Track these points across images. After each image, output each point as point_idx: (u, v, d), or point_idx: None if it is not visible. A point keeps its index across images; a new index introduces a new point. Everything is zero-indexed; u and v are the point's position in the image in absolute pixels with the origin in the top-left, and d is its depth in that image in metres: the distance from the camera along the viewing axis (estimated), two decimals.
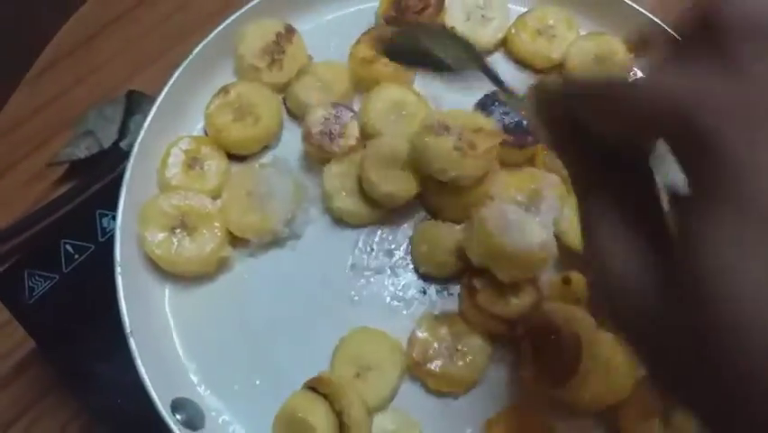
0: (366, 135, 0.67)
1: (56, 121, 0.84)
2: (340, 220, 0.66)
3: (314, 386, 0.56)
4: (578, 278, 0.60)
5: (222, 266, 0.64)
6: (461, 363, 0.58)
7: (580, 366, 0.54)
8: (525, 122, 0.65)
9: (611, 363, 0.56)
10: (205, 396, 0.60)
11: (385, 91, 0.68)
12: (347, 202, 0.64)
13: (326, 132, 0.66)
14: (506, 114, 0.66)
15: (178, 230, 0.62)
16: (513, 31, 0.73)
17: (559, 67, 0.72)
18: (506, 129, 0.65)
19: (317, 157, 0.67)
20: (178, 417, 0.57)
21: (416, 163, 0.62)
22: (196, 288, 0.64)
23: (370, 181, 0.62)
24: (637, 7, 0.72)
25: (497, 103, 0.67)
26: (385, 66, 0.69)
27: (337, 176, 0.65)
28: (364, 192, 0.64)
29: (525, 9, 0.75)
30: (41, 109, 0.85)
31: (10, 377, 0.72)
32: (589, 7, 0.75)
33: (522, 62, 0.73)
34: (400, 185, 0.63)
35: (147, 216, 0.62)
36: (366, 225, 0.66)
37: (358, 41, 0.71)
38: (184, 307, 0.63)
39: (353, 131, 0.66)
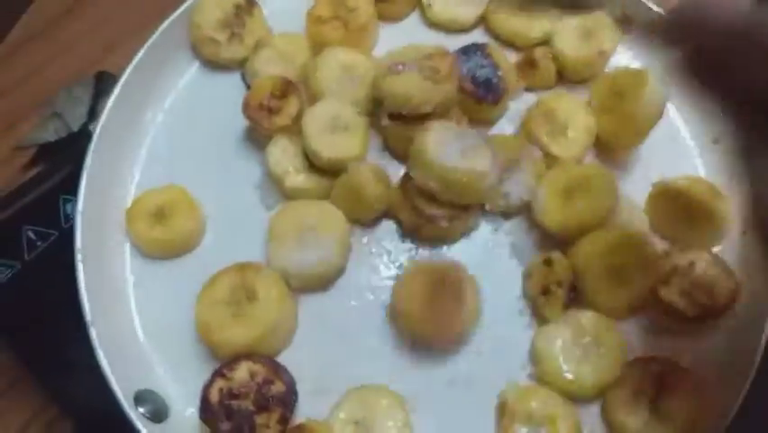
0: (315, 101, 0.64)
1: (24, 103, 0.81)
2: (295, 198, 0.63)
3: None
4: (559, 258, 0.58)
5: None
6: None
7: None
8: (495, 80, 0.64)
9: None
10: (170, 388, 0.58)
11: (332, 54, 0.65)
12: (298, 180, 0.62)
13: (265, 106, 0.63)
14: (482, 67, 0.64)
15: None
16: (491, 8, 0.70)
17: (543, 44, 0.69)
18: (473, 81, 0.63)
19: (260, 132, 0.64)
20: (142, 409, 0.55)
21: (388, 109, 0.61)
22: (161, 278, 0.62)
23: (313, 150, 0.60)
24: None
25: (479, 53, 0.65)
26: (335, 29, 0.67)
27: (282, 154, 0.62)
28: (313, 165, 0.62)
29: None
30: (9, 91, 0.82)
31: None
32: None
33: (502, 40, 0.70)
34: (345, 148, 0.61)
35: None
36: (324, 198, 0.63)
37: (317, 2, 0.69)
38: (148, 296, 0.61)
39: (292, 108, 0.63)
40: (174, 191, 0.63)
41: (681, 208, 0.59)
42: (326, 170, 0.62)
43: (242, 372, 0.55)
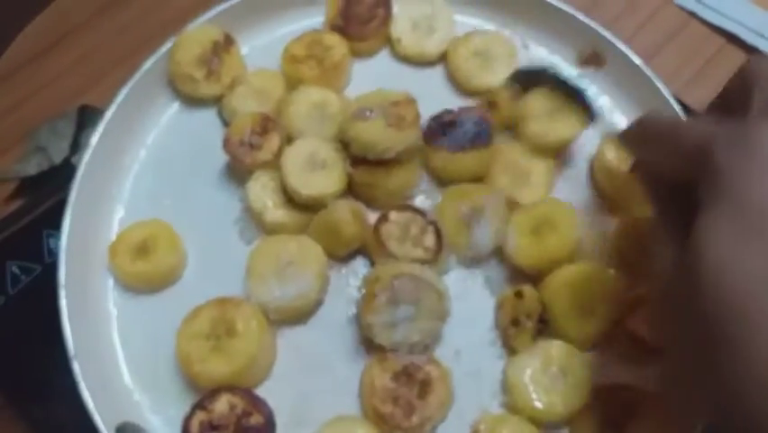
0: (289, 138, 0.67)
1: (7, 136, 0.82)
2: (274, 233, 0.65)
3: None
4: (530, 291, 0.60)
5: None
6: None
7: None
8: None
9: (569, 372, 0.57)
10: (151, 420, 0.59)
11: (305, 93, 0.68)
12: (277, 215, 0.64)
13: (246, 142, 0.66)
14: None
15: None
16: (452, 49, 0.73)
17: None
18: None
19: (240, 168, 0.66)
20: None
21: (354, 153, 0.63)
22: (143, 311, 0.63)
23: (292, 187, 0.62)
24: (590, 23, 0.72)
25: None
26: (310, 69, 0.70)
27: (262, 190, 0.64)
28: (292, 200, 0.64)
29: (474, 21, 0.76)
30: None
31: None
32: (541, 23, 0.74)
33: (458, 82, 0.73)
34: (323, 185, 0.63)
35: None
36: (301, 233, 0.64)
37: (293, 41, 0.71)
38: (131, 330, 0.62)
39: (273, 144, 0.65)
40: (156, 226, 0.64)
41: (645, 240, 0.61)
42: (305, 206, 0.64)
43: (221, 404, 0.56)
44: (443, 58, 0.74)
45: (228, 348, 0.57)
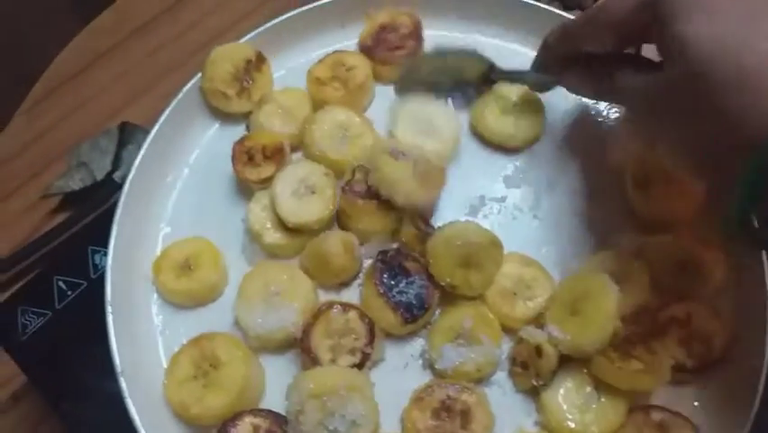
0: (310, 156, 0.68)
1: (50, 152, 0.85)
2: (274, 255, 0.66)
3: None
4: (549, 354, 0.58)
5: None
6: None
7: None
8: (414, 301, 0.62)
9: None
10: None
11: (330, 113, 0.69)
12: (275, 237, 0.65)
13: (250, 156, 0.67)
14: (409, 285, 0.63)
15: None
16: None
17: None
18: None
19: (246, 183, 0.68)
20: None
21: (370, 183, 0.64)
22: (187, 325, 0.64)
23: (281, 215, 0.64)
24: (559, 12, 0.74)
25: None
26: (335, 90, 0.71)
27: (263, 211, 0.66)
28: None
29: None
30: (35, 141, 0.86)
31: (5, 407, 0.73)
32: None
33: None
34: (311, 214, 0.64)
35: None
36: (297, 254, 0.66)
37: (317, 63, 0.73)
38: (175, 345, 0.64)
39: (274, 167, 0.67)
40: (199, 243, 0.66)
41: (678, 261, 0.62)
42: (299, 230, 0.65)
43: (244, 426, 0.57)
44: None
45: (219, 379, 0.58)
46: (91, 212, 0.78)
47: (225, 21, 0.91)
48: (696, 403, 0.60)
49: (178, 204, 0.71)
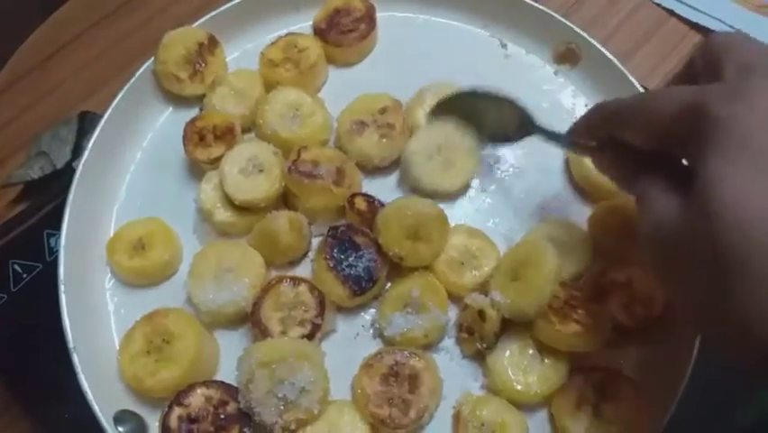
0: (262, 136, 0.70)
1: (11, 142, 0.85)
2: (226, 234, 0.67)
3: None
4: (492, 318, 0.60)
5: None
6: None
7: None
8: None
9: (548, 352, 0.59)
10: (148, 408, 0.61)
11: (282, 93, 0.71)
12: (226, 215, 0.66)
13: (201, 137, 0.69)
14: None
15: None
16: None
17: None
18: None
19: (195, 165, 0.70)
20: (121, 429, 0.59)
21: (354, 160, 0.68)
22: (140, 304, 0.65)
23: (228, 192, 0.65)
24: (566, 22, 0.75)
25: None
26: (287, 71, 0.73)
27: (213, 190, 0.67)
28: None
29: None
30: None
31: None
32: (519, 22, 0.77)
33: None
34: (258, 191, 0.65)
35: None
36: (248, 233, 0.66)
37: (270, 45, 0.75)
38: (129, 323, 0.65)
39: (223, 147, 0.68)
40: (152, 223, 0.67)
41: (620, 227, 0.64)
42: (248, 209, 0.66)
43: (197, 397, 0.58)
44: None
45: (172, 353, 0.59)
46: (52, 200, 0.78)
47: (189, 8, 0.91)
48: (637, 358, 0.62)
49: (131, 186, 0.72)
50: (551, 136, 0.61)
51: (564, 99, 0.75)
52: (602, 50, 0.72)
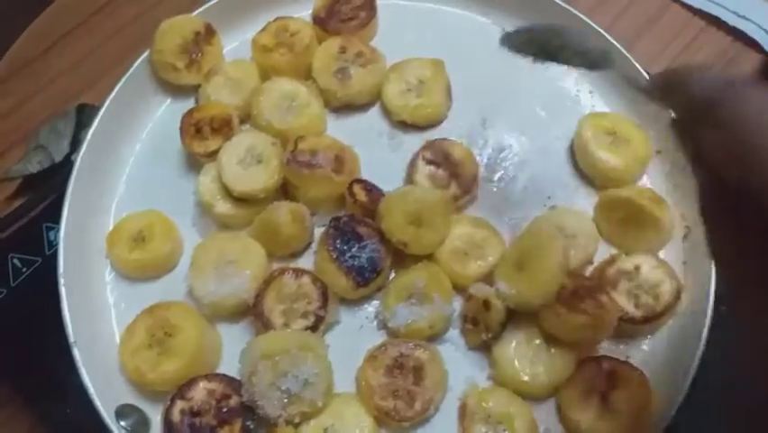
0: (257, 127, 0.69)
1: (9, 136, 0.85)
2: (226, 226, 0.67)
3: None
4: (497, 308, 0.59)
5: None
6: None
7: None
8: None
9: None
10: (150, 402, 0.61)
11: (277, 83, 0.70)
12: (226, 207, 0.65)
13: (198, 129, 0.68)
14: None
15: None
16: None
17: None
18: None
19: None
20: (123, 423, 0.58)
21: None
22: (140, 297, 0.64)
23: (226, 183, 0.64)
24: (570, 9, 0.74)
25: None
26: (282, 55, 0.71)
27: (212, 182, 0.66)
28: None
29: None
30: None
31: None
32: (521, 9, 0.75)
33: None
34: (257, 182, 0.64)
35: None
36: (248, 225, 0.66)
37: (261, 31, 0.73)
38: (129, 317, 0.64)
39: (221, 140, 0.67)
40: (152, 216, 0.66)
41: (626, 216, 0.63)
42: (247, 200, 0.65)
43: (199, 391, 0.58)
44: None
45: (174, 346, 0.59)
46: (50, 194, 0.78)
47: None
48: (645, 350, 0.61)
49: (130, 178, 0.71)
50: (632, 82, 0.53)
51: (568, 85, 0.74)
52: (606, 35, 0.71)
